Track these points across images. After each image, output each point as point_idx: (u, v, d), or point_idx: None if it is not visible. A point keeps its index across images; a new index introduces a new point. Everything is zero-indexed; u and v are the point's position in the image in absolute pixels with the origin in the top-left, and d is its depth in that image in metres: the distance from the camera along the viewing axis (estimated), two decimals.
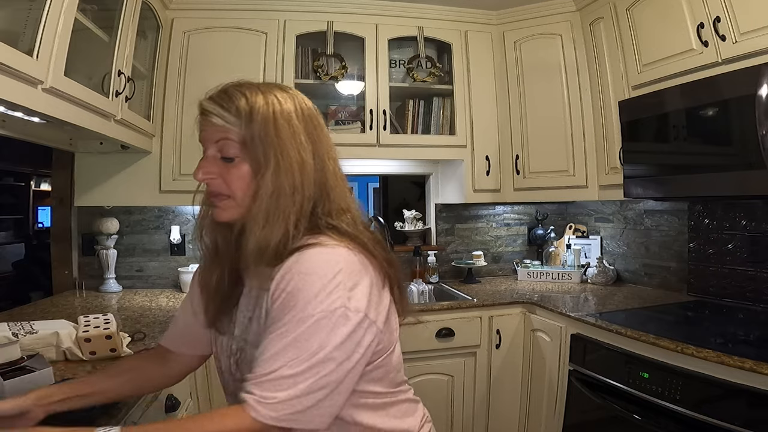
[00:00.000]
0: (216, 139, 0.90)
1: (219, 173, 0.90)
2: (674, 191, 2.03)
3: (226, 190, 0.90)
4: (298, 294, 0.80)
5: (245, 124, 0.88)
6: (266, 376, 0.77)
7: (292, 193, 0.87)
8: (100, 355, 1.45)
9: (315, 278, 0.81)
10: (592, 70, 2.54)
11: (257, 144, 0.87)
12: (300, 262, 0.83)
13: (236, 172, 0.89)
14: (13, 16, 1.41)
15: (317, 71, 2.64)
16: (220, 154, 0.90)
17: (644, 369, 1.68)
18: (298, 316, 0.79)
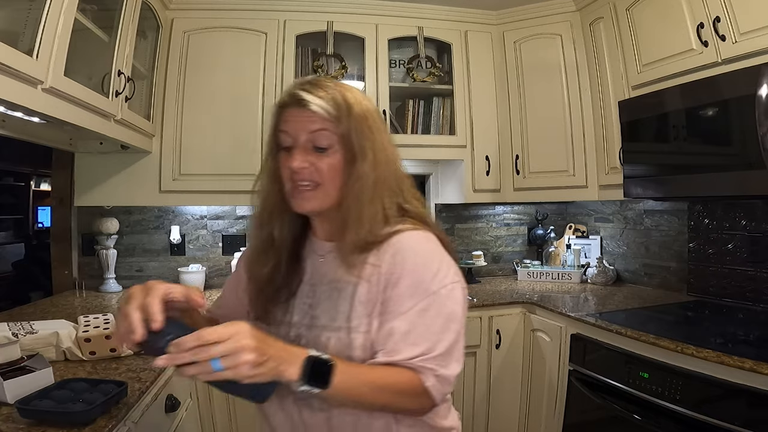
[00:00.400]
0: (312, 129, 0.92)
1: (311, 162, 0.92)
2: (674, 191, 2.03)
3: (318, 179, 0.92)
4: (423, 272, 0.89)
5: (344, 117, 0.91)
6: (431, 353, 0.86)
7: (386, 183, 0.94)
8: (100, 355, 1.45)
9: (429, 257, 0.92)
10: (592, 70, 2.54)
11: (354, 136, 0.91)
12: (406, 245, 0.91)
13: (329, 162, 0.92)
14: (13, 16, 1.41)
15: (317, 71, 2.64)
16: (312, 144, 0.92)
17: (644, 369, 1.68)
18: (430, 291, 0.88)
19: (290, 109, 0.93)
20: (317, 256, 1.01)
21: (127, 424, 1.16)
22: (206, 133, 2.48)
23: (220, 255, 2.86)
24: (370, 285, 0.91)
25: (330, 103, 0.91)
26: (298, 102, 0.92)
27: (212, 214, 2.86)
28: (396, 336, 0.87)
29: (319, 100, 0.91)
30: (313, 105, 0.91)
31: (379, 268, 0.91)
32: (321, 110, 0.91)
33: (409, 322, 0.87)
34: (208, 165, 2.48)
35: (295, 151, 0.92)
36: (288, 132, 0.93)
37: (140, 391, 1.26)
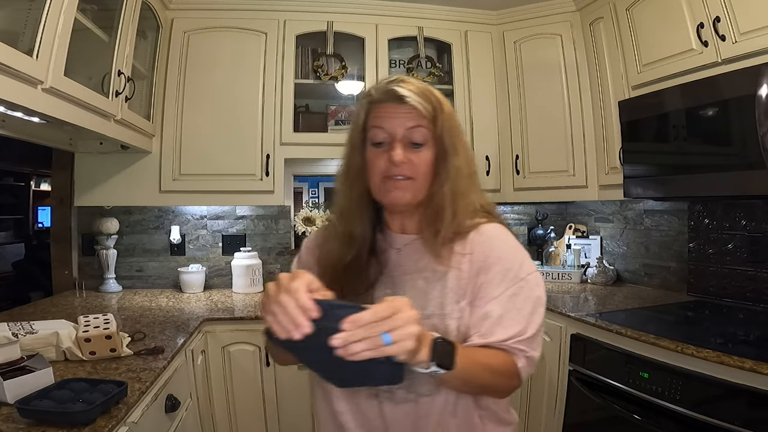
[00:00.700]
0: (410, 125, 0.95)
1: (408, 158, 0.95)
2: (674, 191, 2.03)
3: (412, 174, 0.95)
4: (512, 260, 0.96)
5: (438, 114, 0.95)
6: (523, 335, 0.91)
7: (474, 178, 1.01)
8: (100, 355, 1.46)
9: (514, 247, 0.99)
10: (592, 70, 2.54)
11: (445, 133, 0.96)
12: (494, 235, 0.98)
13: (423, 157, 0.96)
14: (13, 16, 1.41)
15: (317, 71, 2.64)
16: (408, 140, 0.95)
17: (644, 369, 1.68)
18: (519, 277, 0.94)
19: (386, 105, 0.96)
20: (393, 249, 1.03)
21: (127, 424, 1.16)
22: (206, 133, 2.48)
23: (220, 255, 2.86)
24: (460, 272, 0.96)
25: (425, 100, 0.95)
26: (397, 98, 0.95)
27: (212, 214, 2.86)
28: (491, 319, 0.92)
29: (416, 96, 0.94)
30: (412, 100, 0.94)
31: (470, 256, 0.96)
32: (420, 106, 0.94)
33: (501, 306, 0.93)
34: (208, 165, 2.48)
35: (395, 144, 0.94)
36: (384, 128, 0.95)
37: (140, 391, 1.26)
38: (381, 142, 0.96)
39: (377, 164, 0.96)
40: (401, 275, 1.00)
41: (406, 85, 0.96)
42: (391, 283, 1.00)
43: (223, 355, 2.17)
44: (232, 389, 2.18)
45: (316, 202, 3.09)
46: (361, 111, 0.99)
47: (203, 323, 2.12)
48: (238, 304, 2.43)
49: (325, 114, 2.81)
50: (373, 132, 0.96)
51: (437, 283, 0.96)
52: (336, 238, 1.02)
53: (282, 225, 2.92)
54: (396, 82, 0.97)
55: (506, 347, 0.91)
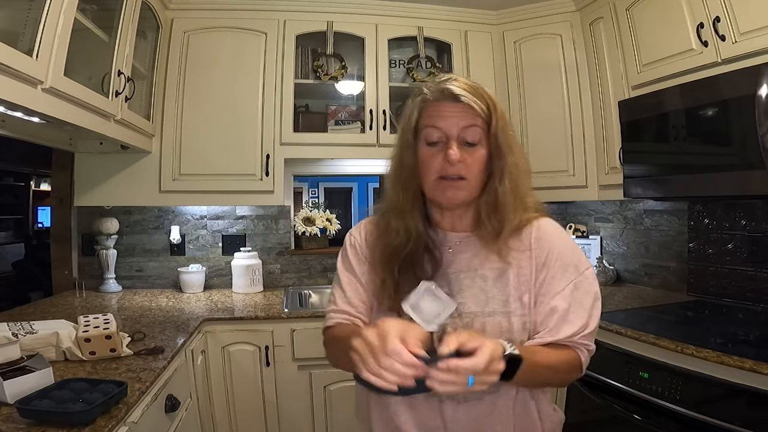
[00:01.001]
0: (465, 125, 0.95)
1: (462, 157, 0.96)
2: (674, 191, 2.03)
3: (466, 173, 0.96)
4: (571, 254, 0.99)
5: (492, 113, 0.97)
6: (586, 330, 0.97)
7: (528, 174, 1.03)
8: (99, 355, 1.46)
9: (570, 241, 1.03)
10: (592, 70, 2.54)
11: (500, 132, 0.97)
12: (550, 230, 1.01)
13: (477, 156, 0.97)
14: (13, 16, 1.41)
15: (317, 71, 2.64)
16: (463, 139, 0.96)
17: (644, 369, 1.68)
18: (579, 271, 0.98)
19: (441, 104, 0.96)
20: (445, 247, 1.03)
21: (127, 424, 1.16)
22: (206, 133, 2.48)
23: (220, 255, 2.86)
24: (521, 269, 0.98)
25: (480, 99, 0.96)
26: (452, 97, 0.95)
27: (212, 214, 2.86)
28: (557, 315, 0.95)
29: (473, 96, 0.96)
30: (467, 99, 0.95)
31: (529, 252, 0.98)
32: (475, 105, 0.95)
33: (565, 300, 0.96)
34: (208, 165, 2.48)
35: (452, 143, 0.95)
36: (439, 127, 0.96)
37: (140, 391, 1.26)
38: (436, 142, 0.96)
39: (432, 164, 0.96)
40: (457, 272, 1.01)
41: (460, 84, 0.97)
42: (447, 281, 1.00)
43: (223, 355, 2.17)
44: (232, 389, 2.18)
45: (316, 202, 3.09)
46: (414, 110, 0.99)
47: (203, 323, 2.12)
48: (238, 304, 2.43)
49: (325, 114, 2.81)
50: (427, 131, 0.97)
51: (497, 281, 0.98)
52: (391, 232, 1.02)
53: (282, 225, 2.92)
54: (449, 81, 0.97)
55: (571, 343, 0.95)
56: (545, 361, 0.92)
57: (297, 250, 2.94)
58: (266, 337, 2.19)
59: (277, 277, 2.90)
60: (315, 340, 2.20)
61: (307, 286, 2.89)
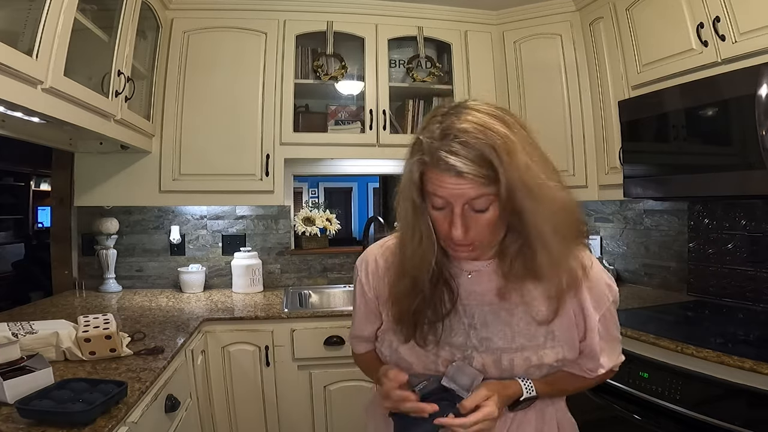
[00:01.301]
0: (474, 197, 0.86)
1: (470, 227, 0.89)
2: (674, 191, 2.03)
3: (474, 239, 0.91)
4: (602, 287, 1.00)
5: (500, 174, 0.83)
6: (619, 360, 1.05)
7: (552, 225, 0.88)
8: (99, 355, 1.46)
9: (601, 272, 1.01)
10: (592, 70, 2.54)
11: (509, 192, 0.84)
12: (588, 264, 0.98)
13: (487, 219, 0.89)
14: (13, 16, 1.41)
15: (317, 71, 2.64)
16: (470, 208, 0.88)
17: (644, 369, 1.68)
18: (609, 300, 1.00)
19: (443, 175, 0.85)
20: (465, 273, 1.00)
21: (127, 424, 1.16)
22: (206, 133, 2.48)
23: (220, 255, 2.86)
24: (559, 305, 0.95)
25: (486, 167, 0.83)
26: (456, 173, 0.84)
27: (212, 214, 2.86)
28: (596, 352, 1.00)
29: (476, 167, 0.83)
30: (470, 175, 0.83)
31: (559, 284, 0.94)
32: (481, 179, 0.84)
33: (600, 336, 0.99)
34: (208, 165, 2.48)
35: (456, 219, 0.88)
36: (443, 197, 0.87)
37: (140, 391, 1.26)
38: (442, 207, 0.89)
39: (441, 227, 0.91)
40: (479, 305, 0.98)
41: (462, 150, 0.83)
42: (470, 313, 0.98)
43: (223, 355, 2.17)
44: (232, 389, 2.18)
45: (316, 202, 3.09)
46: (415, 170, 0.89)
47: (203, 323, 2.12)
48: (238, 304, 2.43)
49: (325, 114, 2.81)
50: (431, 198, 0.89)
51: (526, 317, 0.97)
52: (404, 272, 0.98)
53: (282, 225, 2.92)
54: (449, 143, 0.84)
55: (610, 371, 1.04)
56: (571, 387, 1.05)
57: (297, 250, 2.94)
58: (266, 337, 2.19)
59: (277, 277, 2.90)
60: (315, 340, 2.21)
61: (307, 286, 2.89)
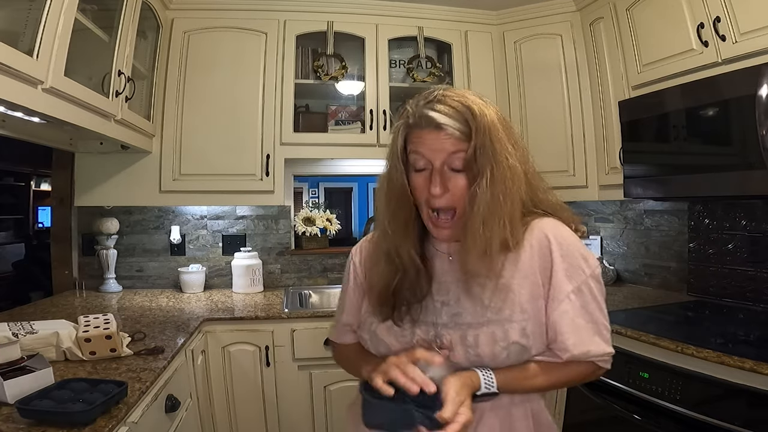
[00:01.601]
0: (452, 151, 0.91)
1: (449, 187, 0.93)
2: (674, 191, 2.03)
3: (453, 202, 0.94)
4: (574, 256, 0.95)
5: (474, 137, 0.90)
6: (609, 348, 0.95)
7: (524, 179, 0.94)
8: (100, 355, 1.46)
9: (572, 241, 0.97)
10: (592, 70, 2.54)
11: (479, 156, 0.90)
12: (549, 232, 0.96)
13: (460, 183, 0.93)
14: (13, 16, 1.41)
15: (317, 71, 2.64)
16: (448, 166, 0.92)
17: (644, 369, 1.68)
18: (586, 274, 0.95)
19: (424, 131, 0.93)
20: (444, 254, 1.02)
21: (127, 424, 1.16)
22: (206, 133, 2.48)
23: (220, 255, 2.86)
24: (520, 275, 0.95)
25: (463, 123, 0.91)
26: (436, 126, 0.91)
27: (212, 214, 2.86)
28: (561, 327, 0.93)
29: (454, 121, 0.91)
30: (450, 128, 0.91)
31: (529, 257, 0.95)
32: (458, 132, 0.91)
33: (576, 310, 0.94)
34: (208, 165, 2.48)
35: (435, 176, 0.92)
36: (424, 154, 0.93)
37: (140, 391, 1.26)
38: (423, 168, 0.94)
39: (421, 191, 0.95)
40: (453, 282, 1.00)
41: (441, 108, 0.92)
42: (445, 291, 1.00)
43: (223, 355, 2.17)
44: (232, 389, 2.18)
45: (316, 202, 3.09)
46: (399, 135, 0.97)
47: (203, 323, 2.12)
48: (238, 304, 2.43)
49: (325, 114, 2.81)
50: (413, 157, 0.95)
51: (495, 289, 0.96)
52: (383, 258, 1.01)
53: (282, 225, 2.92)
54: (432, 103, 0.93)
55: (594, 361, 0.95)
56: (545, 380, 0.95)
57: (297, 250, 2.94)
58: (266, 337, 2.19)
59: (277, 277, 2.90)
60: (315, 340, 2.21)
61: (307, 286, 2.89)
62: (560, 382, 0.98)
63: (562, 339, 0.94)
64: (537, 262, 0.96)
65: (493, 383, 0.90)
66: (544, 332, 0.96)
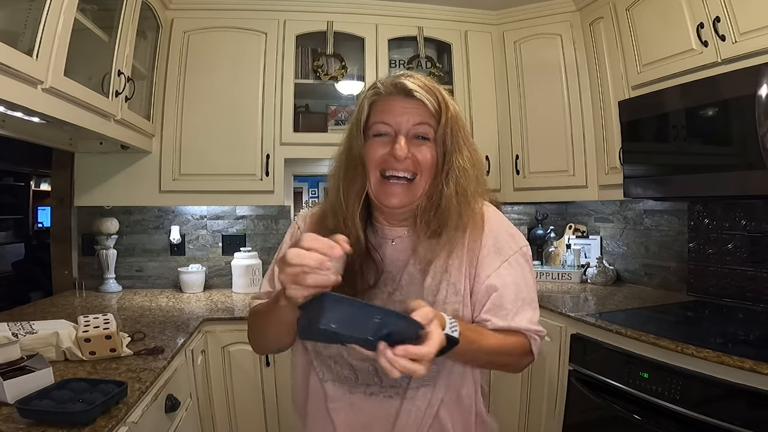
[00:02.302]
0: (419, 121, 0.94)
1: (412, 153, 0.94)
2: (674, 191, 2.03)
3: (415, 169, 0.94)
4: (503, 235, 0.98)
5: (443, 112, 0.94)
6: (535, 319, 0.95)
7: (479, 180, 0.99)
8: (99, 355, 1.45)
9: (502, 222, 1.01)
10: (592, 70, 2.54)
11: (448, 133, 0.94)
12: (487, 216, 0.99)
13: (429, 154, 0.94)
14: (13, 16, 1.41)
15: (317, 71, 2.64)
16: (413, 135, 0.94)
17: (644, 369, 1.68)
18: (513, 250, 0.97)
19: (392, 98, 0.95)
20: (388, 240, 1.01)
21: (127, 424, 1.16)
22: (206, 133, 2.48)
23: (220, 255, 2.86)
24: (456, 258, 0.96)
25: (432, 96, 0.94)
26: (406, 92, 0.94)
27: (212, 214, 2.86)
28: (495, 296, 0.94)
29: (427, 94, 0.93)
30: (420, 95, 0.93)
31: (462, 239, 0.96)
32: (429, 103, 0.93)
33: (502, 280, 0.94)
34: (208, 165, 2.48)
35: (400, 138, 0.93)
36: (389, 123, 0.94)
37: (140, 391, 1.26)
38: (384, 134, 0.94)
39: (375, 155, 0.94)
40: (400, 270, 0.99)
41: (415, 80, 0.94)
42: (392, 280, 0.98)
43: (223, 355, 2.17)
44: (232, 389, 2.18)
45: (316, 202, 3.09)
46: (365, 103, 0.97)
47: (203, 323, 2.12)
48: (238, 304, 2.43)
49: (325, 114, 2.81)
50: (375, 128, 0.95)
51: (435, 274, 0.96)
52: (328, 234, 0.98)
53: (282, 225, 2.92)
54: (404, 76, 0.95)
55: (524, 332, 0.94)
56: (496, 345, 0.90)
57: None
58: None
59: None
60: None
61: None
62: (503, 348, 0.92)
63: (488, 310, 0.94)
64: (469, 242, 0.97)
65: (456, 329, 0.81)
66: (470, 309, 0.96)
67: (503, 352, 0.92)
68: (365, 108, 0.97)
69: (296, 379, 1.07)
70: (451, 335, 0.78)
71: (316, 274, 0.73)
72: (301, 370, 1.04)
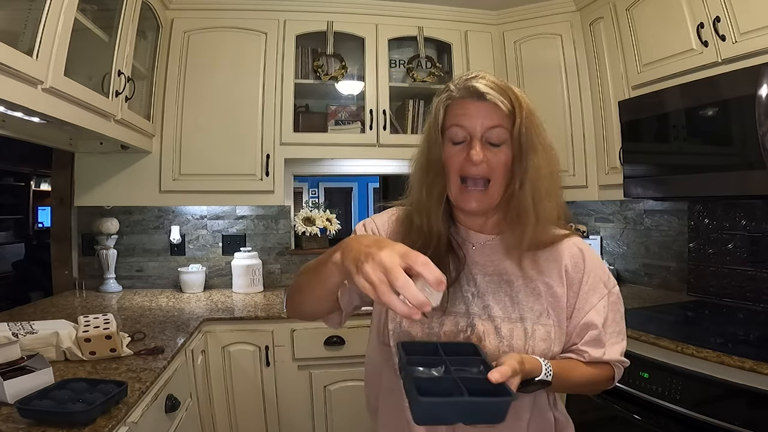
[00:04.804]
0: (490, 125, 0.93)
1: (487, 158, 0.94)
2: (674, 191, 2.03)
3: (489, 174, 0.94)
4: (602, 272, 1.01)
5: (518, 113, 0.93)
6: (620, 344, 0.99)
7: (554, 177, 0.99)
8: (100, 355, 1.46)
9: (600, 260, 1.04)
10: (592, 70, 2.54)
11: (524, 134, 0.93)
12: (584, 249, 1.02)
13: (501, 157, 0.94)
14: (13, 16, 1.41)
15: (317, 71, 2.64)
16: (486, 140, 0.94)
17: (644, 369, 1.68)
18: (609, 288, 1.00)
19: (466, 101, 0.95)
20: (469, 244, 1.03)
21: (127, 424, 1.16)
22: (206, 133, 2.48)
23: (220, 255, 2.86)
24: (551, 282, 0.98)
25: (506, 98, 0.93)
26: (478, 95, 0.93)
27: (212, 214, 2.86)
28: (594, 332, 0.97)
29: (496, 93, 0.93)
30: (494, 98, 0.92)
31: (557, 268, 0.99)
32: (501, 105, 0.92)
33: (600, 316, 0.97)
34: (208, 165, 2.48)
35: (475, 143, 0.93)
36: (464, 126, 0.94)
37: (140, 391, 1.26)
38: (461, 141, 0.95)
39: (454, 162, 0.95)
40: (483, 275, 1.00)
41: (486, 81, 0.94)
42: (474, 282, 1.00)
43: (223, 355, 2.17)
44: (232, 389, 2.18)
45: (316, 202, 3.09)
46: (440, 107, 0.98)
47: (203, 323, 2.12)
48: (238, 304, 2.43)
49: (325, 114, 2.81)
50: (452, 130, 0.96)
51: (524, 289, 0.97)
52: (414, 231, 1.00)
53: (282, 225, 2.92)
54: (476, 78, 0.95)
55: (613, 363, 0.99)
56: (583, 378, 0.96)
57: (297, 250, 2.94)
58: (266, 337, 2.19)
59: (277, 277, 2.90)
60: (315, 340, 2.21)
61: None
62: (589, 380, 0.98)
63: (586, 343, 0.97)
64: (569, 272, 0.99)
65: (551, 372, 0.88)
66: (563, 339, 0.98)
67: (589, 383, 0.98)
68: (441, 111, 0.98)
69: (369, 375, 1.08)
70: (545, 379, 0.87)
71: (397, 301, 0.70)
72: (376, 366, 1.05)
